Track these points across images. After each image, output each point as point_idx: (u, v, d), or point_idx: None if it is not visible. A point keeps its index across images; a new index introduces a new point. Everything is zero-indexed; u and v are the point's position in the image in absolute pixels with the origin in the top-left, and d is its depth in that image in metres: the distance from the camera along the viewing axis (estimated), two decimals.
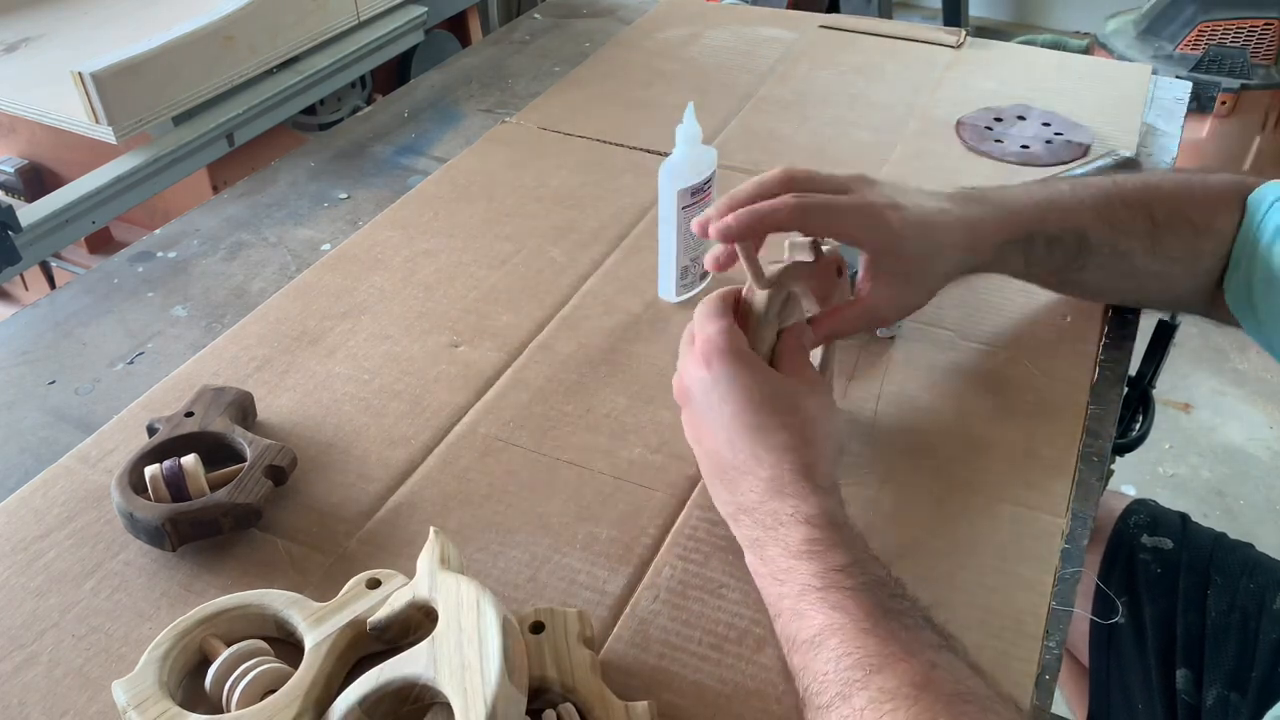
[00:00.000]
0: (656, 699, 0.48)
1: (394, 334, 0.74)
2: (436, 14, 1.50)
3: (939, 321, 0.74)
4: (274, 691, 0.46)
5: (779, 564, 0.47)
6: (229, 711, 0.46)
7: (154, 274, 0.82)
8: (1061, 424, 0.65)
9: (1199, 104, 1.18)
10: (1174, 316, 0.86)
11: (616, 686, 0.48)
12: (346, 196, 0.93)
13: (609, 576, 0.55)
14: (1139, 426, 0.84)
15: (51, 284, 1.32)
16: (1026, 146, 0.97)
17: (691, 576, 0.55)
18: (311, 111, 1.35)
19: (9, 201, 0.95)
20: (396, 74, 1.56)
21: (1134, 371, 0.81)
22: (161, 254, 0.85)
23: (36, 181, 1.31)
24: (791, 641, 0.45)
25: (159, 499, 0.56)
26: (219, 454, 0.60)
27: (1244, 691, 0.73)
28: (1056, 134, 0.98)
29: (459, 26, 1.69)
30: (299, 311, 0.76)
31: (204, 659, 0.49)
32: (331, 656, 0.47)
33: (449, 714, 0.42)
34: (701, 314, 0.55)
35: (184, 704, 0.46)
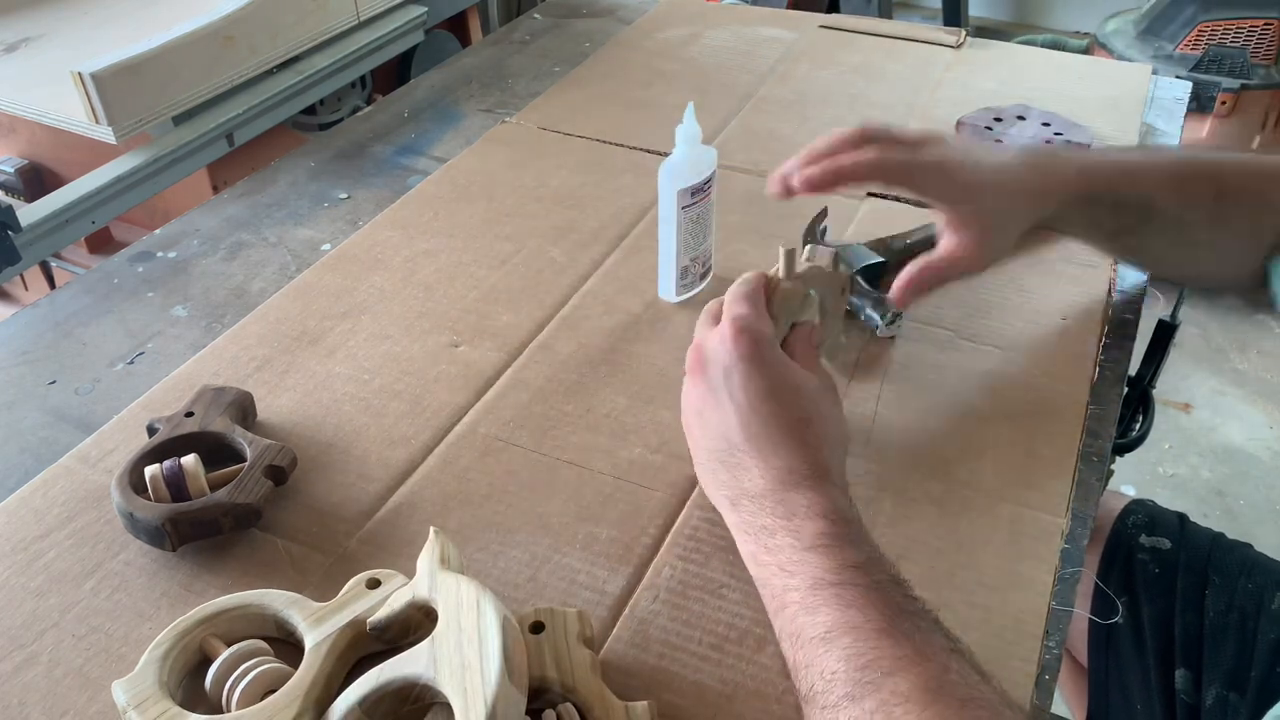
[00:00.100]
0: (656, 699, 0.48)
1: (394, 334, 0.74)
2: (436, 14, 1.50)
3: (939, 321, 0.75)
4: (274, 691, 0.46)
5: (788, 555, 0.47)
6: (229, 711, 0.46)
7: (154, 274, 0.82)
8: (1061, 424, 0.65)
9: (1199, 104, 1.18)
10: (1174, 316, 0.86)
11: (616, 686, 0.48)
12: (346, 196, 0.93)
13: (609, 576, 0.55)
14: (1139, 426, 0.84)
15: (51, 284, 1.32)
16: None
17: (691, 576, 0.55)
18: (311, 111, 1.35)
19: (9, 201, 0.95)
20: (396, 74, 1.56)
21: (1134, 371, 0.81)
22: (161, 254, 0.85)
23: (36, 181, 1.31)
24: (797, 636, 0.44)
25: (159, 499, 0.56)
26: (219, 454, 0.60)
27: (1243, 691, 0.73)
28: (1056, 134, 0.98)
29: (459, 26, 1.69)
30: (299, 311, 0.76)
31: (204, 659, 0.49)
32: (331, 656, 0.47)
33: (449, 714, 0.42)
34: (736, 294, 0.56)
35: (184, 704, 0.46)
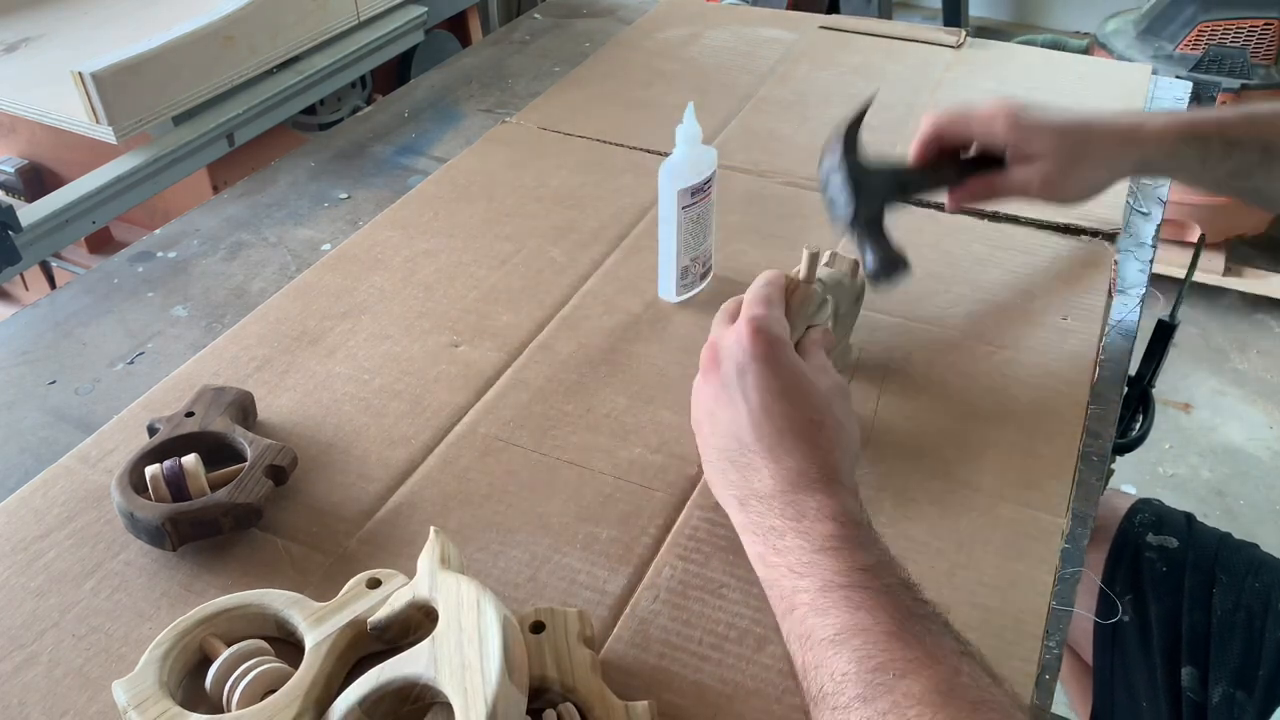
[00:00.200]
0: (656, 699, 0.48)
1: (394, 334, 0.74)
2: (436, 14, 1.50)
3: (939, 321, 0.74)
4: (274, 691, 0.46)
5: (799, 556, 0.47)
6: (229, 711, 0.46)
7: (154, 274, 0.82)
8: (1061, 424, 0.65)
9: (1199, 104, 1.18)
10: (1174, 316, 0.86)
11: (616, 686, 0.48)
12: (346, 196, 0.93)
13: (609, 576, 0.55)
14: (1139, 426, 0.84)
15: (51, 284, 1.32)
16: None
17: (691, 576, 0.55)
18: (311, 111, 1.35)
19: (9, 201, 0.95)
20: (396, 74, 1.56)
21: (1134, 371, 0.81)
22: (161, 254, 0.85)
23: (36, 181, 1.31)
24: (806, 638, 0.44)
25: (159, 499, 0.56)
26: (219, 454, 0.60)
27: (1250, 690, 0.73)
28: None
29: (459, 26, 1.69)
30: (299, 311, 0.76)
31: (204, 659, 0.49)
32: (331, 656, 0.47)
33: (449, 714, 0.42)
34: (757, 295, 0.56)
35: (184, 704, 0.46)
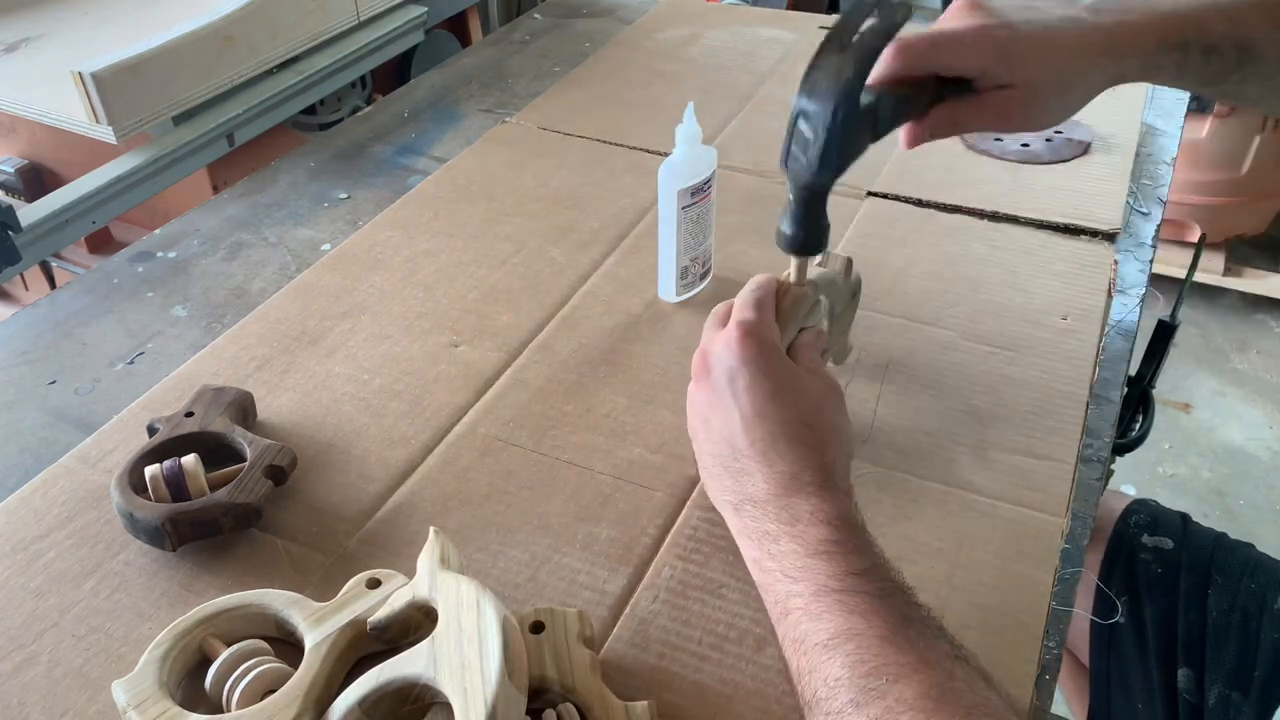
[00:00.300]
0: (656, 699, 0.48)
1: (394, 334, 0.74)
2: (436, 14, 1.50)
3: (939, 321, 0.74)
4: (274, 691, 0.46)
5: (793, 561, 0.47)
6: (229, 711, 0.46)
7: (154, 274, 0.82)
8: (1061, 424, 0.65)
9: (1199, 104, 1.18)
10: (1174, 316, 0.86)
11: (616, 686, 0.48)
12: (346, 196, 0.93)
13: (609, 576, 0.55)
14: (1139, 426, 0.84)
15: (51, 284, 1.32)
16: (1026, 145, 0.97)
17: (691, 576, 0.55)
18: (311, 111, 1.35)
19: (9, 201, 0.95)
20: (396, 74, 1.56)
21: (1134, 371, 0.81)
22: (161, 254, 0.85)
23: (36, 181, 1.31)
24: (800, 643, 0.44)
25: (159, 499, 0.56)
26: (219, 454, 0.60)
27: (1246, 691, 0.73)
28: (1056, 132, 0.98)
29: (459, 26, 1.68)
30: (299, 311, 0.76)
31: (204, 659, 0.49)
32: (331, 656, 0.47)
33: (449, 714, 0.42)
34: (747, 299, 0.56)
35: (184, 704, 0.46)
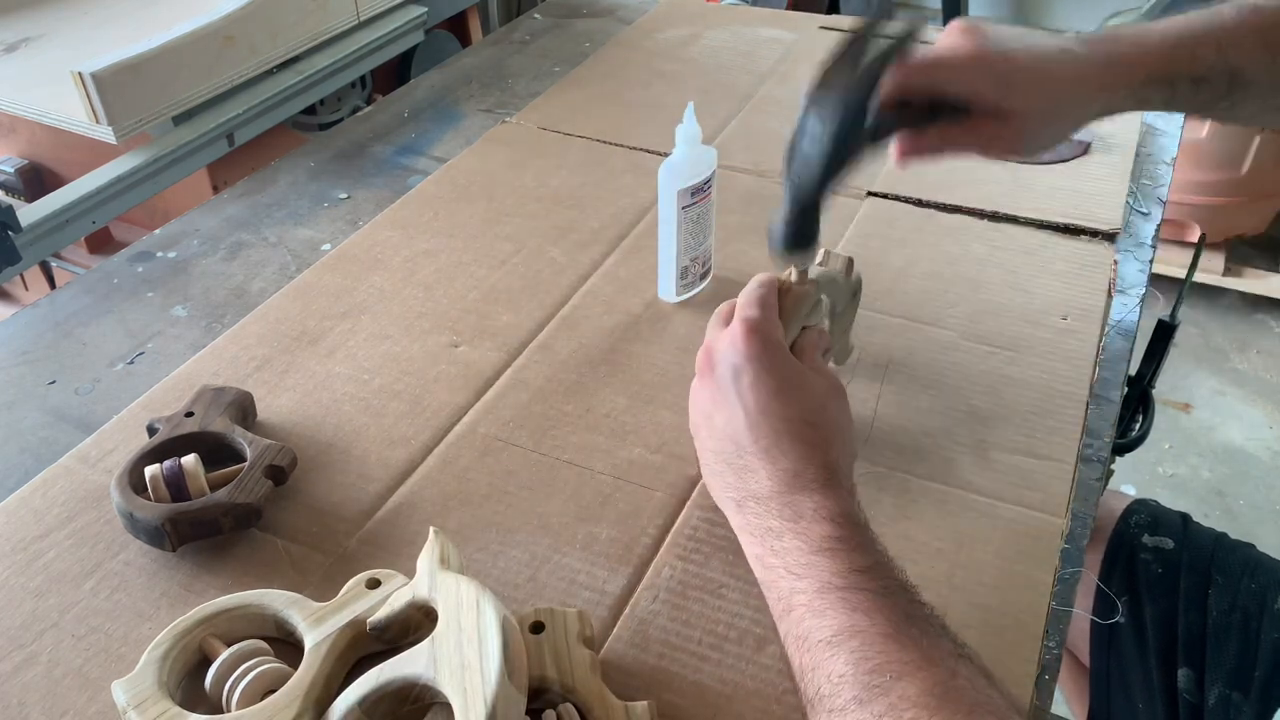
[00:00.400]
0: (656, 699, 0.48)
1: (394, 334, 0.74)
2: (436, 14, 1.50)
3: (939, 321, 0.74)
4: (274, 691, 0.46)
5: (796, 558, 0.47)
6: (229, 711, 0.46)
7: (154, 274, 0.82)
8: (1061, 424, 0.65)
9: None
10: (1174, 316, 0.86)
11: (616, 686, 0.48)
12: (346, 196, 0.93)
13: (609, 576, 0.55)
14: (1139, 426, 0.84)
15: (51, 284, 1.32)
16: None
17: (691, 576, 0.55)
18: (311, 111, 1.35)
19: (9, 201, 0.95)
20: (396, 74, 1.56)
21: (1134, 371, 0.81)
22: (161, 254, 0.85)
23: (36, 181, 1.31)
24: (803, 640, 0.44)
25: (159, 499, 0.56)
26: (219, 454, 0.60)
27: (1246, 691, 0.73)
28: None
29: (459, 26, 1.69)
30: (299, 311, 0.76)
31: (204, 659, 0.49)
32: (331, 656, 0.47)
33: (449, 714, 0.42)
34: (749, 297, 0.56)
35: (184, 704, 0.46)
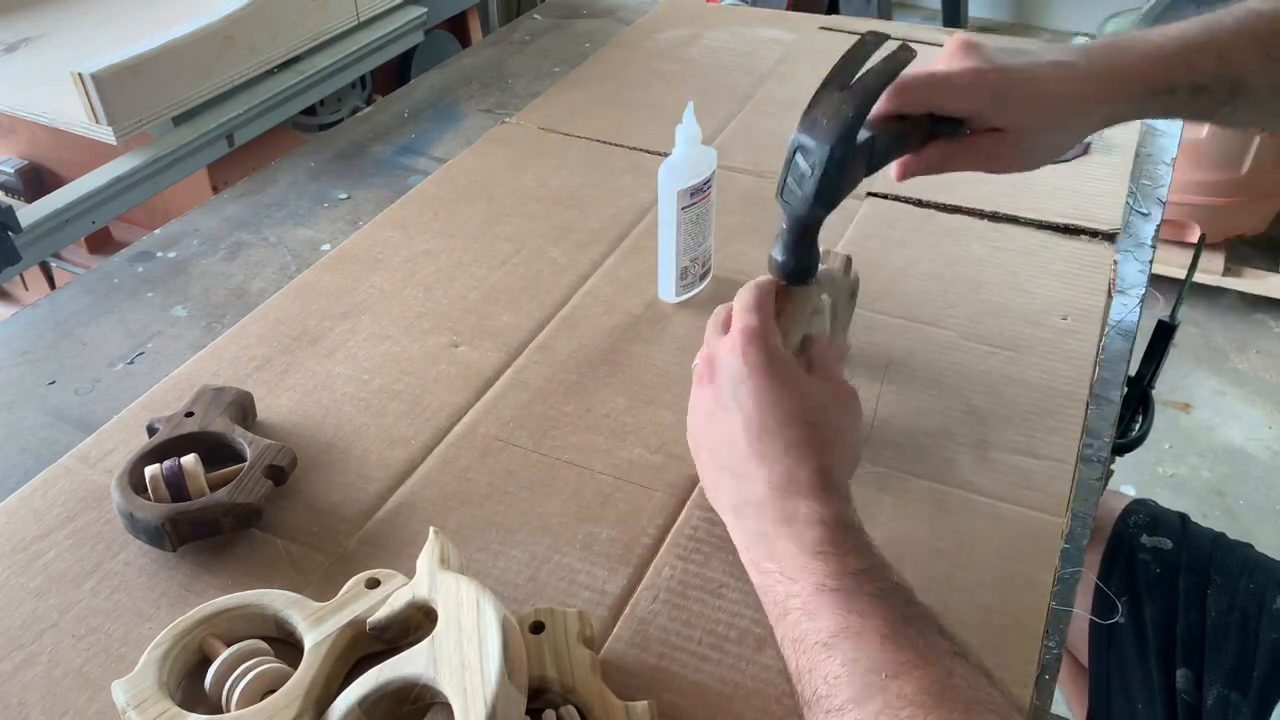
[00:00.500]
0: (656, 699, 0.48)
1: (394, 334, 0.74)
2: (436, 14, 1.50)
3: (939, 321, 0.75)
4: (274, 691, 0.46)
5: (791, 561, 0.46)
6: (229, 711, 0.46)
7: (154, 274, 0.82)
8: (1061, 424, 0.65)
9: None
10: (1174, 316, 0.86)
11: (616, 686, 0.48)
12: (346, 196, 0.93)
13: (609, 576, 0.55)
14: (1139, 426, 0.84)
15: (51, 284, 1.32)
16: None
17: (691, 576, 0.55)
18: (311, 112, 1.35)
19: (9, 201, 0.95)
20: (396, 74, 1.56)
21: (1134, 371, 0.81)
22: (161, 254, 0.85)
23: (36, 181, 1.31)
24: (799, 642, 0.44)
25: (159, 499, 0.56)
26: (219, 454, 0.60)
27: (1245, 691, 0.73)
28: None
29: (459, 26, 1.69)
30: (299, 311, 0.76)
31: (204, 659, 0.49)
32: (331, 656, 0.47)
33: (449, 714, 0.42)
34: (745, 303, 0.56)
35: (184, 704, 0.46)
